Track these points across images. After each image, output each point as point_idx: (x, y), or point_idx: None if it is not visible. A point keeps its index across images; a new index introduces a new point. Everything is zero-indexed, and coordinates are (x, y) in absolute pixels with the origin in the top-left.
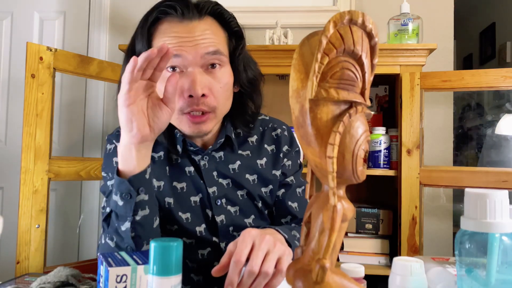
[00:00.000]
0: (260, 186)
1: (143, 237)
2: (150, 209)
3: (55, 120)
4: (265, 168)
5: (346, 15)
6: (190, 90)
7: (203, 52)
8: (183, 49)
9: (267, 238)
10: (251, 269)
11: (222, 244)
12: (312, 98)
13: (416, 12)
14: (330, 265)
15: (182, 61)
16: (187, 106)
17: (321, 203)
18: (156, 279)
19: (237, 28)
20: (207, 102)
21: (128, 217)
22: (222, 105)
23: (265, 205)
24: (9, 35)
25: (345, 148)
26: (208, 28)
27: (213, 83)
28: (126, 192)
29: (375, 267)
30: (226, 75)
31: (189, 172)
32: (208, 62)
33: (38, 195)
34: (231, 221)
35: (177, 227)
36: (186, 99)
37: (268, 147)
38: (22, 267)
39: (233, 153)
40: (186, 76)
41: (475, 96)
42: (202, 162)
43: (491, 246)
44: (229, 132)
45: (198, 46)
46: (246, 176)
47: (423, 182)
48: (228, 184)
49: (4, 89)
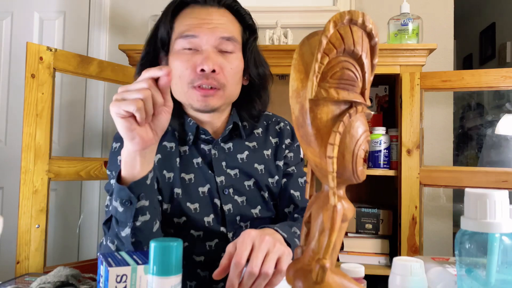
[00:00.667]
0: (267, 177)
1: (144, 241)
2: (151, 214)
3: (55, 120)
4: (270, 159)
5: (346, 15)
6: (203, 64)
7: (218, 36)
8: (201, 30)
9: (267, 239)
10: (251, 270)
11: (229, 234)
12: (312, 98)
13: (416, 12)
14: (330, 265)
15: (199, 41)
16: (198, 79)
17: (321, 203)
18: (156, 279)
19: (251, 23)
20: (217, 78)
21: (128, 223)
22: (231, 85)
23: (271, 196)
24: (9, 35)
25: (345, 148)
26: (225, 16)
27: (224, 63)
28: (126, 198)
29: (375, 267)
30: (238, 61)
31: (197, 164)
32: (222, 46)
33: (38, 195)
34: (238, 210)
35: (185, 219)
36: (198, 73)
37: (272, 139)
38: (22, 267)
39: (242, 143)
40: (200, 54)
41: (475, 96)
42: (213, 151)
43: (491, 246)
44: (236, 119)
45: (215, 29)
46: (255, 165)
47: (423, 182)
48: (236, 174)
49: (4, 89)
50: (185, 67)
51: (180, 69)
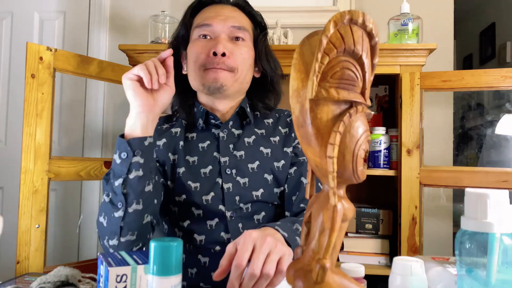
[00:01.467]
0: (273, 160)
1: (131, 198)
2: (144, 172)
3: (55, 120)
4: (278, 144)
5: (346, 14)
6: (215, 47)
7: (229, 25)
8: (214, 20)
9: (268, 240)
10: (252, 272)
11: (227, 213)
12: (313, 98)
13: (416, 12)
14: (330, 265)
15: (212, 29)
16: (210, 63)
17: (321, 203)
18: (156, 279)
19: (261, 21)
20: (227, 61)
21: (123, 175)
22: (241, 70)
23: (276, 181)
24: (9, 35)
25: (346, 148)
26: (237, 11)
27: (235, 49)
28: (124, 151)
29: (375, 267)
30: (248, 49)
31: (202, 148)
32: (234, 34)
33: (38, 195)
34: (238, 191)
35: (185, 197)
36: (210, 57)
37: (282, 129)
38: (22, 267)
39: (251, 129)
40: (213, 40)
41: (475, 96)
42: (221, 135)
43: (491, 246)
44: (244, 105)
45: (227, 19)
46: (261, 148)
47: (423, 182)
48: (241, 156)
49: (4, 89)
50: (199, 52)
51: (195, 54)
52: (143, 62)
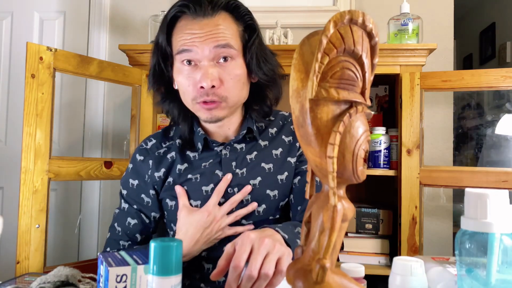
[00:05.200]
0: (276, 174)
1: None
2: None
3: (55, 120)
4: (280, 157)
5: (346, 14)
6: (201, 82)
7: (212, 46)
8: (195, 44)
9: (266, 241)
10: (250, 273)
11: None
12: (312, 98)
13: (416, 12)
14: (330, 265)
15: (195, 55)
16: (200, 96)
17: (321, 203)
18: (156, 279)
19: (251, 22)
20: (217, 92)
21: None
22: (234, 95)
23: (281, 194)
24: (9, 35)
25: (346, 148)
26: (220, 24)
27: (223, 75)
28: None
29: (375, 267)
30: (237, 67)
31: (203, 166)
32: (219, 55)
33: (38, 195)
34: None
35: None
36: (199, 90)
37: (285, 138)
38: (22, 267)
39: (254, 143)
40: (199, 69)
41: (475, 96)
42: (224, 152)
43: (491, 246)
44: (251, 124)
45: (208, 40)
46: (262, 164)
47: (423, 182)
48: (243, 173)
49: (4, 89)
50: (187, 84)
51: (184, 85)
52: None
